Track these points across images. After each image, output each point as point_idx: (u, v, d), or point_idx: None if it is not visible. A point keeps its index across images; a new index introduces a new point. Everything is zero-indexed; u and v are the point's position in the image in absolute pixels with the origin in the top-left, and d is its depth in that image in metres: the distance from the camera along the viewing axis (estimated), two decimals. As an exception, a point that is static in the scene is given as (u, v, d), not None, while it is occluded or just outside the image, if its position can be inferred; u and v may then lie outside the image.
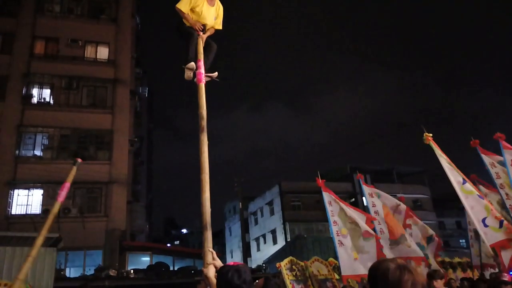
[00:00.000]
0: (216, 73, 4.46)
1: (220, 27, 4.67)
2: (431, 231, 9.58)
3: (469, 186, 6.69)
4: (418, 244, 8.47)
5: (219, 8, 4.57)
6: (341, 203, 8.51)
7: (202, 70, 4.06)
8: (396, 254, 7.79)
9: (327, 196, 8.53)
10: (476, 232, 7.68)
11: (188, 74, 4.30)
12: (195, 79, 4.06)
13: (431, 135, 7.15)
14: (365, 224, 8.10)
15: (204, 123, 3.65)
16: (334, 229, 8.13)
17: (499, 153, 7.33)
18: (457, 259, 10.62)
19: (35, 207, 17.08)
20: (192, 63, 4.20)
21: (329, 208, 8.37)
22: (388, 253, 7.89)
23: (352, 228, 8.10)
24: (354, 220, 8.15)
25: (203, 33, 4.43)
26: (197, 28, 4.39)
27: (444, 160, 6.90)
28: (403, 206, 9.35)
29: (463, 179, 6.73)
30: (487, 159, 7.48)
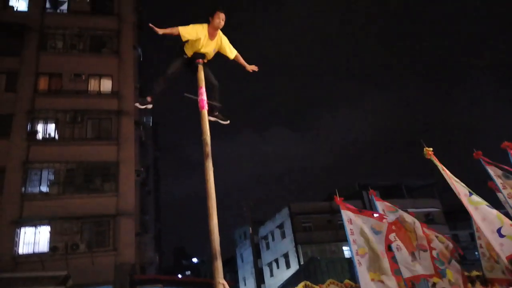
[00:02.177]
0: (228, 121, 4.72)
1: (232, 56, 4.75)
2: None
3: (476, 197, 6.56)
4: (440, 261, 8.16)
5: (221, 40, 4.60)
6: (362, 219, 8.25)
7: (204, 97, 4.13)
8: (413, 272, 7.56)
9: (346, 214, 8.27)
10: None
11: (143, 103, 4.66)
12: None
13: (431, 149, 7.13)
14: (381, 243, 7.85)
15: (209, 149, 3.68)
16: (353, 248, 7.86)
17: (505, 162, 7.22)
18: (475, 273, 10.27)
19: (43, 245, 16.82)
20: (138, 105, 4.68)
21: (348, 227, 8.09)
22: (405, 271, 7.64)
23: (370, 247, 7.87)
24: (371, 238, 7.93)
25: (203, 61, 4.51)
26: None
27: (446, 174, 6.84)
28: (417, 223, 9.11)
29: (469, 191, 6.63)
30: (492, 170, 7.33)
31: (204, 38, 4.43)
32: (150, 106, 4.62)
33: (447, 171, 6.91)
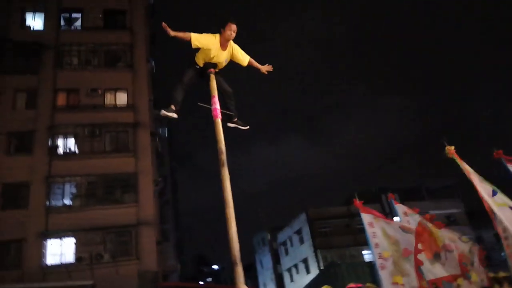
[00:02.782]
0: (248, 126, 4.70)
1: (246, 63, 4.74)
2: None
3: (501, 197, 6.43)
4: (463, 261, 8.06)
5: (232, 49, 4.58)
6: (383, 221, 8.18)
7: (218, 106, 4.14)
8: (436, 274, 7.49)
9: (366, 218, 8.02)
10: None
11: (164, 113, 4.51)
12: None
13: (453, 147, 6.90)
14: (408, 241, 7.78)
15: (224, 157, 3.69)
16: (376, 251, 7.65)
17: None
18: (502, 274, 10.09)
19: (69, 256, 17.28)
20: (165, 113, 4.48)
21: (369, 230, 7.88)
22: (430, 268, 7.57)
23: (394, 249, 7.79)
24: (396, 239, 7.86)
25: (215, 70, 4.53)
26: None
27: (470, 173, 6.70)
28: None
29: (493, 190, 6.48)
30: None
31: (216, 49, 4.41)
32: (175, 115, 4.49)
33: (470, 170, 6.70)
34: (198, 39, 4.32)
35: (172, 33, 4.23)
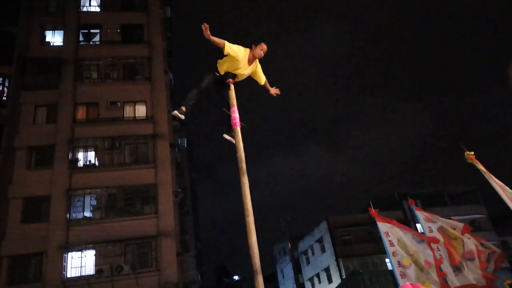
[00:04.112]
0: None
1: (262, 82, 5.01)
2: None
3: None
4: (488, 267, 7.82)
5: (256, 66, 4.81)
6: (400, 230, 8.04)
7: (237, 114, 4.24)
8: (462, 281, 7.27)
9: (383, 227, 8.00)
10: None
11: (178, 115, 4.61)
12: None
13: (472, 153, 6.85)
14: (426, 252, 7.62)
15: (244, 165, 3.74)
16: (394, 260, 7.60)
17: None
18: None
19: (89, 268, 17.35)
20: (176, 113, 4.62)
21: (386, 239, 7.84)
22: (454, 280, 7.37)
23: (414, 259, 7.63)
24: (415, 249, 7.70)
25: (234, 80, 4.66)
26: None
27: (491, 179, 6.55)
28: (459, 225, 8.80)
29: None
30: None
31: (244, 62, 4.58)
32: (183, 117, 4.67)
33: (491, 175, 6.60)
34: (231, 48, 4.47)
35: (209, 36, 4.34)
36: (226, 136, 4.64)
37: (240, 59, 4.53)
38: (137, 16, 24.27)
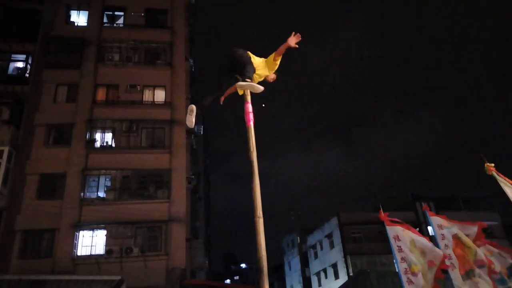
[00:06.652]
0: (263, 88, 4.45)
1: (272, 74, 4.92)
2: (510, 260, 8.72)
3: None
4: (501, 279, 7.69)
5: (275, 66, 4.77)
6: (411, 234, 7.93)
7: (251, 111, 4.13)
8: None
9: (392, 231, 7.89)
10: None
11: (190, 120, 4.54)
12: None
13: (492, 165, 6.76)
14: (434, 253, 7.52)
15: (255, 165, 3.66)
16: (401, 266, 7.50)
17: None
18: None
19: (99, 248, 17.64)
20: (192, 107, 4.54)
21: (395, 244, 7.73)
22: (460, 285, 7.27)
23: (421, 262, 7.55)
24: (424, 251, 7.61)
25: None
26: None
27: (509, 190, 6.44)
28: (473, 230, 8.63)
29: None
30: None
31: (262, 67, 4.59)
32: (193, 123, 4.71)
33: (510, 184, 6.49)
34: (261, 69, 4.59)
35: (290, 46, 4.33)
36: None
37: (261, 65, 4.59)
38: (161, 1, 24.29)
